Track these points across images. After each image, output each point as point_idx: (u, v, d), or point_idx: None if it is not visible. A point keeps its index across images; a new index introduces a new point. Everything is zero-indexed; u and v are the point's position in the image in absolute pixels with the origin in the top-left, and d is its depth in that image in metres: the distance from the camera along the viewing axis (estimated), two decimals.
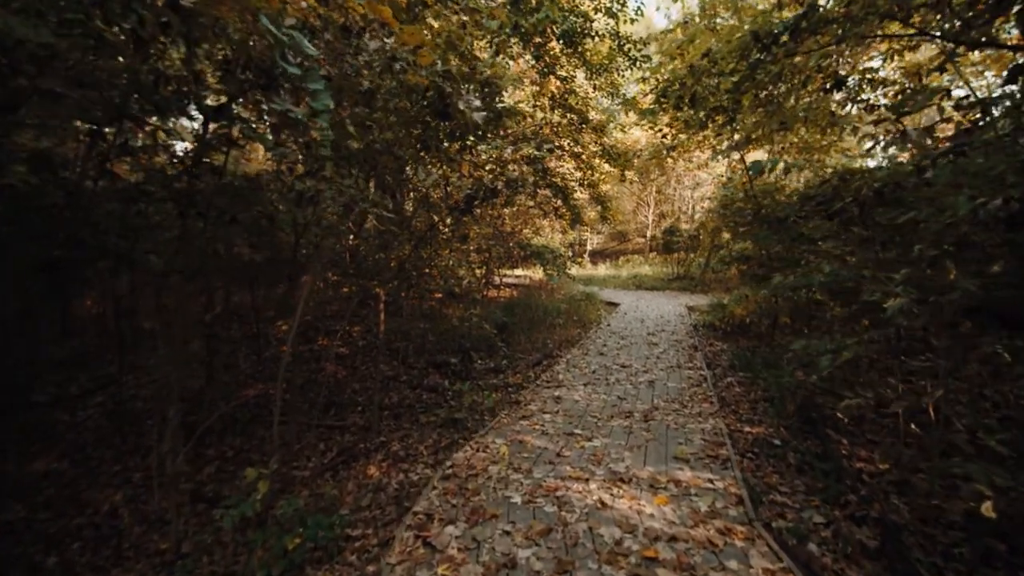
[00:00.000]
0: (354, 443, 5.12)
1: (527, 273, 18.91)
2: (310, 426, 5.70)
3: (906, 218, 2.50)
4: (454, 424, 5.08)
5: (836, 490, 3.29)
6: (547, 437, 3.87)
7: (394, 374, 7.87)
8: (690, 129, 6.82)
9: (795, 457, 3.94)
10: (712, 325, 9.95)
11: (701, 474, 3.25)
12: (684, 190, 26.96)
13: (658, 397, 4.95)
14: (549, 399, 4.95)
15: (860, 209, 2.82)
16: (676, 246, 21.06)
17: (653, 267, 23.50)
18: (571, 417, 4.33)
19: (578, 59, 9.19)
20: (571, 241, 25.71)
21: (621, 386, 5.38)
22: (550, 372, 6.20)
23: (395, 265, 5.85)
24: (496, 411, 5.31)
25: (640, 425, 4.10)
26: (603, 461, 3.40)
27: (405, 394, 6.91)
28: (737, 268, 12.34)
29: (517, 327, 9.97)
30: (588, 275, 22.13)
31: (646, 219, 28.83)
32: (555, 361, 7.40)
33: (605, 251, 31.45)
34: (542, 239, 18.57)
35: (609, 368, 6.23)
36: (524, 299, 13.00)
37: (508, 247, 13.04)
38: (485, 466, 3.41)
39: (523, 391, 6.06)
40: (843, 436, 4.23)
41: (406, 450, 4.73)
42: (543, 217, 14.11)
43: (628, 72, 9.33)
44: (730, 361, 7.21)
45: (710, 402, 4.77)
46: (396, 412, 6.04)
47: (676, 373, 5.94)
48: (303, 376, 7.75)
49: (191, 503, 4.09)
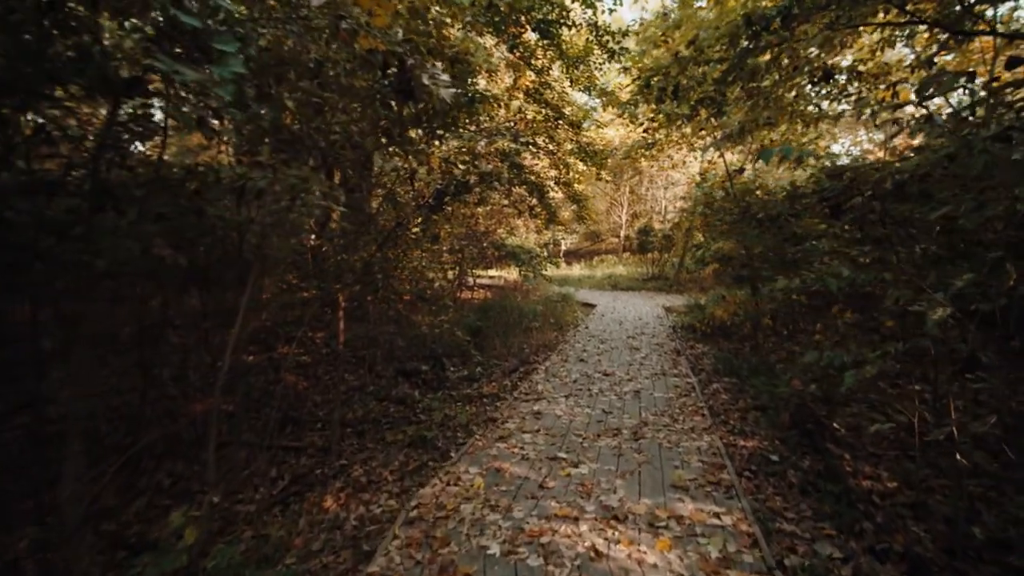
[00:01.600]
0: (310, 468, 4.57)
1: (502, 274, 18.48)
2: (261, 448, 5.11)
3: (939, 214, 2.17)
4: (423, 444, 4.59)
5: (849, 516, 2.97)
6: (528, 463, 3.43)
7: (360, 384, 7.30)
8: (673, 124, 6.50)
9: (796, 476, 3.62)
10: (692, 327, 9.73)
11: (704, 506, 2.88)
12: (657, 190, 27.03)
13: (646, 410, 4.58)
14: (528, 415, 4.52)
15: (880, 204, 2.50)
16: (650, 246, 20.99)
17: (627, 267, 23.41)
18: (554, 437, 3.90)
19: (554, 51, 8.81)
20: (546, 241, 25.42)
21: (605, 397, 4.99)
22: (528, 382, 5.78)
23: (360, 267, 5.32)
24: (470, 428, 4.84)
25: (630, 445, 3.71)
26: (593, 493, 2.98)
27: (371, 407, 6.36)
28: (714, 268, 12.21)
29: (492, 331, 9.52)
30: (563, 275, 21.85)
31: (619, 219, 28.81)
32: (533, 369, 6.98)
33: (579, 251, 31.30)
34: (517, 239, 18.18)
35: (591, 377, 5.85)
36: (499, 301, 12.55)
37: (482, 247, 12.57)
38: (457, 504, 2.94)
39: (500, 403, 5.62)
40: (843, 449, 3.94)
41: (368, 475, 4.22)
42: (518, 216, 13.71)
43: (606, 65, 9.01)
44: (714, 365, 6.95)
45: (701, 415, 4.43)
46: (359, 429, 5.50)
47: (662, 381, 5.61)
48: (259, 388, 7.10)
49: (110, 550, 3.48)
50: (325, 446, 5.03)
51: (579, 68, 9.11)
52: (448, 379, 7.29)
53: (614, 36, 7.69)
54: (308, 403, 6.79)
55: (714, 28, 4.75)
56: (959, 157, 2.20)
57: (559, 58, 8.95)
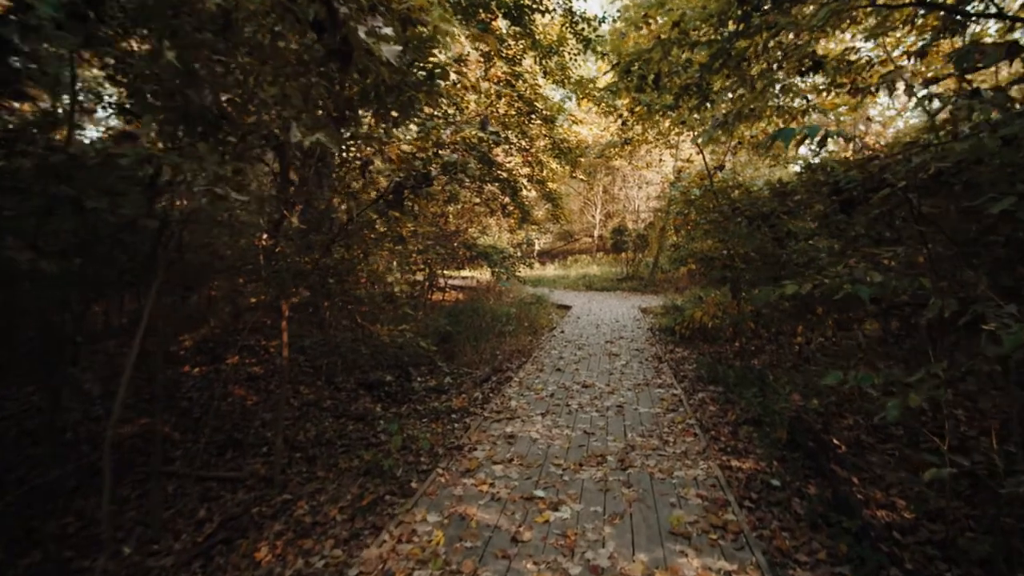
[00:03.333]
0: (247, 505, 3.93)
1: (474, 274, 17.91)
2: (192, 479, 4.43)
3: (1001, 206, 1.76)
4: (380, 473, 4.01)
5: (873, 561, 2.55)
6: (498, 505, 2.88)
7: (316, 398, 6.63)
8: (653, 115, 6.09)
9: (803, 505, 3.21)
10: (670, 329, 9.39)
11: (712, 561, 2.41)
12: (631, 189, 26.92)
13: (632, 429, 4.11)
14: (500, 439, 3.99)
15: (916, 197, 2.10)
16: (624, 246, 20.77)
17: (602, 267, 23.17)
18: (529, 467, 3.37)
19: (527, 40, 8.31)
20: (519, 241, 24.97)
21: (586, 414, 4.51)
22: (500, 396, 5.25)
23: (306, 269, 4.69)
24: (434, 452, 4.29)
25: (617, 476, 3.22)
26: (577, 547, 2.46)
27: (326, 425, 5.72)
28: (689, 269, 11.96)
29: (462, 336, 8.97)
30: (537, 276, 21.42)
31: (593, 219, 28.61)
32: (506, 378, 6.47)
33: (553, 251, 30.99)
34: (489, 239, 17.64)
35: (569, 389, 5.36)
36: (470, 304, 11.99)
37: (452, 247, 11.97)
38: (410, 570, 2.39)
39: (469, 419, 5.08)
40: (849, 470, 3.56)
41: (315, 513, 3.62)
42: (490, 215, 13.18)
43: (580, 57, 8.57)
44: (696, 372, 6.58)
45: (693, 434, 4.00)
46: (310, 454, 4.87)
47: (645, 393, 5.17)
48: (202, 405, 6.36)
49: None
50: (268, 476, 4.39)
51: (552, 58, 8.64)
52: (414, 391, 6.70)
53: (589, 23, 7.24)
54: (256, 422, 6.08)
55: (701, 7, 4.33)
56: (1021, 139, 1.79)
57: (532, 48, 8.47)
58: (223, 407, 6.55)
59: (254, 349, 7.86)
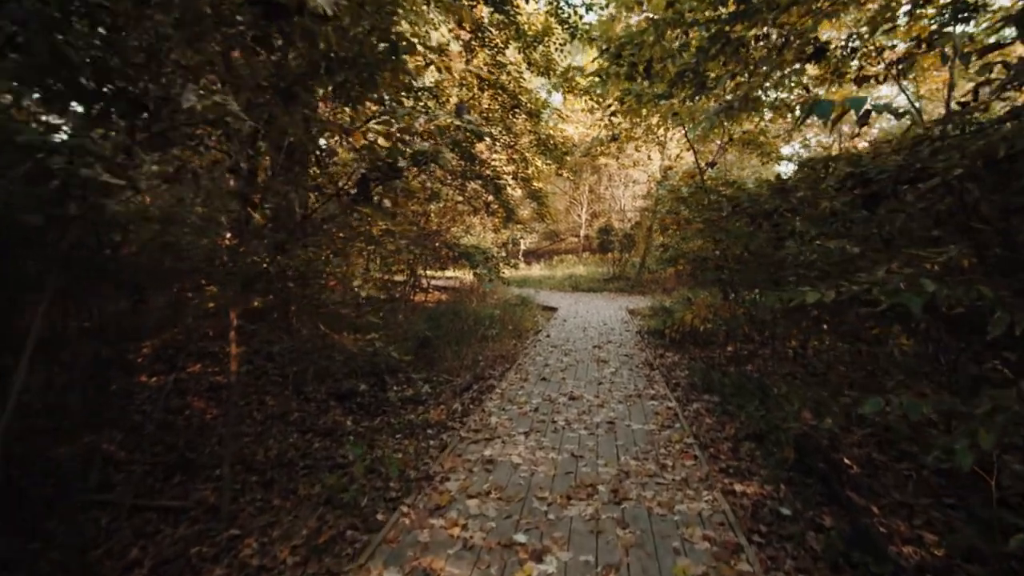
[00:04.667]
0: (188, 542, 3.43)
1: (458, 275, 17.43)
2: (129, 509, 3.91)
3: None
4: (343, 504, 3.55)
5: None
6: (471, 556, 2.42)
7: (282, 410, 6.12)
8: (644, 105, 5.71)
9: (819, 540, 2.84)
10: (659, 332, 9.06)
11: None
12: (616, 189, 26.68)
13: (625, 451, 3.70)
14: (477, 464, 3.53)
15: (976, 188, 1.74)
16: (611, 246, 20.49)
17: (588, 267, 22.86)
18: (509, 502, 2.92)
19: (511, 29, 7.89)
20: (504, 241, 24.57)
21: (574, 433, 4.09)
22: (480, 411, 4.81)
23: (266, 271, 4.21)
24: (405, 475, 3.84)
25: (611, 513, 2.79)
26: None
27: (290, 442, 5.23)
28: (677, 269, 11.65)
29: (443, 340, 8.52)
30: (522, 276, 21.02)
31: (579, 218, 28.33)
32: (488, 388, 6.04)
33: (539, 251, 30.64)
34: (473, 238, 17.19)
35: (555, 402, 4.94)
36: (452, 306, 11.54)
37: (434, 247, 11.49)
38: None
39: (446, 437, 4.64)
40: (865, 495, 3.21)
41: (263, 555, 3.15)
42: (473, 214, 12.73)
43: (566, 47, 8.17)
44: (689, 379, 6.23)
45: (693, 456, 3.61)
46: (268, 478, 4.39)
47: (638, 406, 4.78)
48: (155, 419, 5.80)
49: None
50: (217, 505, 3.90)
51: (537, 49, 8.23)
52: (389, 402, 6.23)
53: (575, 9, 6.85)
54: (213, 439, 5.55)
55: None
56: None
57: (516, 38, 8.05)
58: (179, 422, 6.01)
59: (218, 357, 7.30)
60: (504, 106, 9.39)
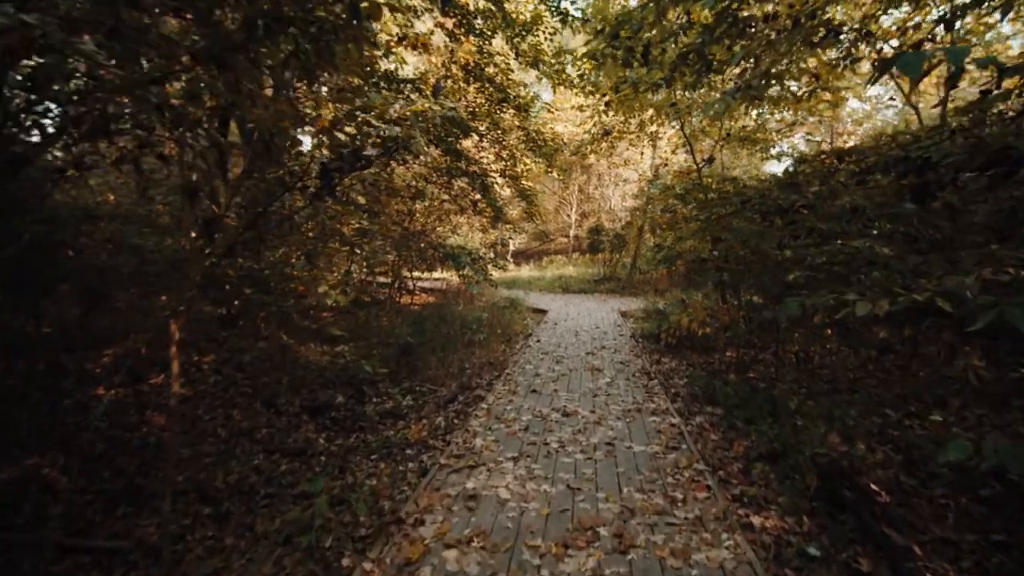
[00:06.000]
0: None
1: (446, 276, 16.93)
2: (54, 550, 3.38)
3: None
4: (303, 547, 3.07)
5: None
6: None
7: (250, 426, 5.60)
8: (641, 94, 5.29)
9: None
10: (655, 336, 8.66)
11: None
12: (606, 188, 26.37)
13: (628, 480, 3.22)
14: (458, 500, 3.02)
15: None
16: (601, 246, 20.13)
17: (578, 268, 22.49)
18: (493, 552, 2.42)
19: (498, 18, 7.44)
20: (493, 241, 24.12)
21: (569, 457, 3.62)
22: (464, 432, 4.33)
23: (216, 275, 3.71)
24: (380, 505, 3.37)
25: (616, 567, 2.24)
26: None
27: (254, 464, 4.73)
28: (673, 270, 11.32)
29: (428, 347, 8.03)
30: (512, 277, 20.57)
31: (568, 218, 27.97)
32: (473, 401, 5.58)
33: (528, 251, 30.25)
34: (460, 239, 16.72)
35: (547, 419, 4.48)
36: (439, 308, 11.06)
37: (419, 247, 10.99)
38: None
39: (425, 458, 4.17)
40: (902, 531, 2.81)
41: None
42: (460, 213, 12.26)
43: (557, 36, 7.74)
44: (690, 388, 5.82)
45: (705, 486, 3.16)
46: (224, 510, 3.88)
47: (638, 423, 4.34)
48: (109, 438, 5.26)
49: None
50: (158, 546, 3.39)
51: (526, 38, 7.79)
52: (366, 416, 5.74)
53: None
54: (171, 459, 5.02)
55: None
56: None
57: (504, 27, 7.60)
58: (135, 440, 5.45)
59: (184, 366, 6.74)
60: (491, 99, 8.94)
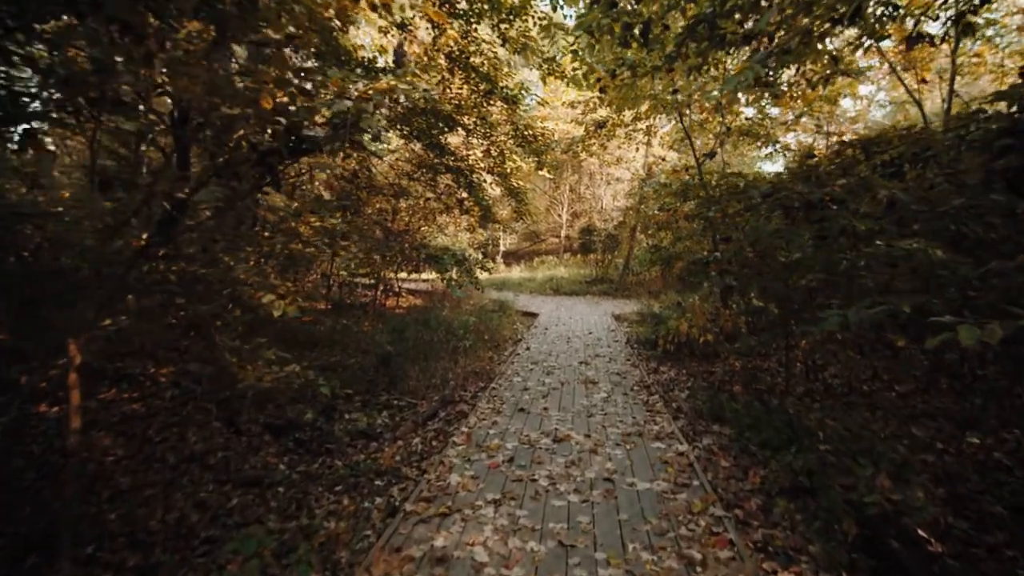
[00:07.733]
0: None
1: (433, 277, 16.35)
2: None
3: None
4: None
5: None
6: None
7: (204, 449, 5.00)
8: (639, 79, 4.77)
9: None
10: (651, 341, 8.16)
11: None
12: (598, 188, 25.93)
13: (632, 533, 2.57)
14: (423, 567, 2.34)
15: None
16: (593, 246, 19.66)
17: (569, 269, 21.98)
18: None
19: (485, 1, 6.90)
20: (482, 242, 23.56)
21: (561, 499, 3.02)
22: (439, 465, 3.74)
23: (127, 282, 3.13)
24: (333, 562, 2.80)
25: None
26: None
27: (200, 497, 4.14)
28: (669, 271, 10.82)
29: (408, 356, 7.46)
30: (502, 278, 20.02)
31: (560, 218, 27.49)
32: (455, 418, 5.02)
33: (519, 252, 29.73)
34: (447, 239, 16.14)
35: (535, 446, 3.89)
36: (423, 313, 10.48)
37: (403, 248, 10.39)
38: None
39: (395, 491, 3.61)
40: None
41: None
42: (446, 212, 11.69)
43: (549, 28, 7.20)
44: (692, 401, 5.31)
45: (727, 541, 2.60)
46: (152, 560, 3.29)
47: (640, 450, 3.78)
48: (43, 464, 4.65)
49: None
50: None
51: (513, 24, 7.25)
52: (335, 436, 5.16)
53: None
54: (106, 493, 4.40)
55: None
56: None
57: (491, 10, 7.05)
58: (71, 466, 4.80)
59: (137, 379, 6.10)
60: (477, 91, 8.39)
